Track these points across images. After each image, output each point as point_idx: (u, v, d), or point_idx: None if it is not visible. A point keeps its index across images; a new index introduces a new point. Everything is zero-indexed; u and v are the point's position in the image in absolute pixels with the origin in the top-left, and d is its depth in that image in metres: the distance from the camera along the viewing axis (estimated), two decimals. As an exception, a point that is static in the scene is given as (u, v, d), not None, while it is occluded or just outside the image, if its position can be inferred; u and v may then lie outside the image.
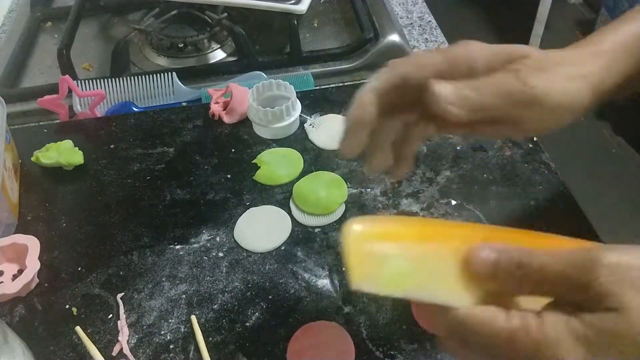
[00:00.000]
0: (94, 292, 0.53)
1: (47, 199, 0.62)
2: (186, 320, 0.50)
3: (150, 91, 0.74)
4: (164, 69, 0.78)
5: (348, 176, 0.62)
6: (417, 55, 0.37)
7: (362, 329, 0.49)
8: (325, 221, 0.57)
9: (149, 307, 0.51)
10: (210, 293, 0.52)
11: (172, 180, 0.63)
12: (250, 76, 0.75)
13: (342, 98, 0.71)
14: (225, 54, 0.83)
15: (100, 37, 0.89)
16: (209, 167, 0.64)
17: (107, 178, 0.64)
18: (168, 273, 0.54)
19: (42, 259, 0.54)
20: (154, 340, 0.49)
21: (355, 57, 0.78)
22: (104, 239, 0.57)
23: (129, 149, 0.67)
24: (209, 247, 0.56)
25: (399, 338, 0.48)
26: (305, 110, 0.69)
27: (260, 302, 0.51)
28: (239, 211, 0.59)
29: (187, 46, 0.82)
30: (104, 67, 0.81)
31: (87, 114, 0.72)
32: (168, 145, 0.67)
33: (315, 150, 0.65)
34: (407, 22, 0.88)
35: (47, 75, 0.81)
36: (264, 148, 0.66)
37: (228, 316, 0.50)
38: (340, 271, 0.53)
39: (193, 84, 0.76)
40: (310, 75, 0.75)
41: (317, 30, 0.86)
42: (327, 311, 0.50)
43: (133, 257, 0.56)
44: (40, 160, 0.64)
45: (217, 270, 0.54)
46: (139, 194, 0.62)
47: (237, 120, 0.69)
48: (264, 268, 0.54)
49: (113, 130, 0.69)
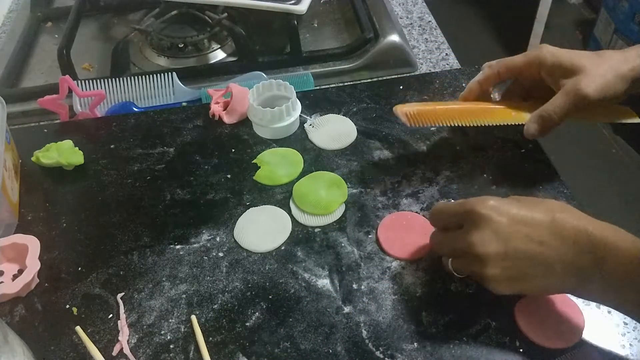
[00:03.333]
0: (94, 292, 0.53)
1: (47, 199, 0.62)
2: (186, 320, 0.50)
3: (150, 91, 0.74)
4: (164, 69, 0.78)
5: (348, 176, 0.62)
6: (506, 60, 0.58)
7: (362, 329, 0.49)
8: (325, 221, 0.57)
9: (149, 307, 0.51)
10: (210, 293, 0.52)
11: (172, 180, 0.63)
12: (250, 76, 0.75)
13: (342, 98, 0.71)
14: (225, 54, 0.83)
15: (100, 37, 0.89)
16: (209, 167, 0.64)
17: (107, 178, 0.64)
18: (168, 273, 0.54)
19: (42, 259, 0.55)
20: (154, 340, 0.49)
21: (355, 57, 0.78)
22: (104, 239, 0.57)
23: (129, 149, 0.67)
24: (209, 247, 0.56)
25: (399, 338, 0.48)
26: (305, 110, 0.69)
27: (260, 302, 0.51)
28: (239, 211, 0.59)
29: (187, 46, 0.82)
30: (104, 67, 0.81)
31: (87, 114, 0.72)
32: (168, 145, 0.67)
33: (315, 150, 0.65)
34: (407, 22, 0.88)
35: (47, 75, 0.81)
36: (264, 148, 0.66)
37: (228, 316, 0.50)
38: (340, 271, 0.53)
39: (193, 84, 0.76)
40: (310, 75, 0.75)
41: (317, 30, 0.86)
42: (327, 311, 0.50)
43: (133, 257, 0.56)
44: (41, 160, 0.64)
45: (217, 270, 0.54)
46: (139, 194, 0.62)
47: (237, 120, 0.69)
48: (264, 268, 0.54)
49: (113, 130, 0.69)
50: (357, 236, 0.56)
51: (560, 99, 0.54)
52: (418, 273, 0.53)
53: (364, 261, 0.54)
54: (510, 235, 0.44)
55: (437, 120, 0.57)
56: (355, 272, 0.53)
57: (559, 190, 0.59)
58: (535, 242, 0.43)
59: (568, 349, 0.46)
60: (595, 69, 0.52)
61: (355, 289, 0.52)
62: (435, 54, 0.81)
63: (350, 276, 0.53)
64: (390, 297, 0.51)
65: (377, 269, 0.53)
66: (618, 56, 0.54)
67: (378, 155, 0.64)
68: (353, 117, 0.69)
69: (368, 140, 0.66)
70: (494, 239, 0.44)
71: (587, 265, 0.42)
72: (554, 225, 0.43)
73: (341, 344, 0.48)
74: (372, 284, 0.52)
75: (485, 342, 0.47)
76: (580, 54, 0.55)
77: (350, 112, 0.70)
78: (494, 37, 2.30)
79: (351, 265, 0.53)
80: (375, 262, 0.54)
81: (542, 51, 0.56)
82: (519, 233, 0.43)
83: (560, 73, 0.54)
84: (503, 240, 0.44)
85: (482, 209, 0.45)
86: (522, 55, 0.57)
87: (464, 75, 0.73)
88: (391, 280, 0.52)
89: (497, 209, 0.44)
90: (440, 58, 0.81)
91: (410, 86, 0.72)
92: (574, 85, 0.52)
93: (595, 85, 0.52)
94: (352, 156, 0.64)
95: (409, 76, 0.76)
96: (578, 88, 0.52)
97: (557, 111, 0.53)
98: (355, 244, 0.55)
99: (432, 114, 0.58)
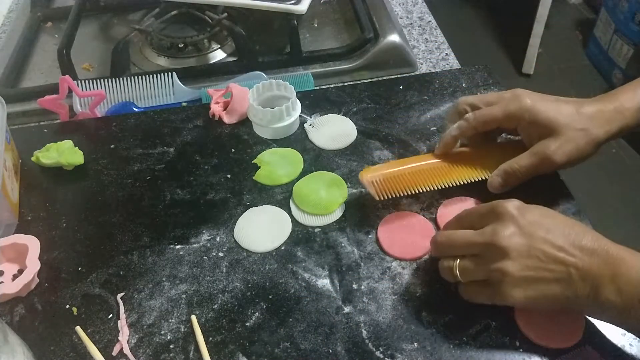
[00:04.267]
0: (94, 292, 0.53)
1: (47, 199, 0.62)
2: (186, 320, 0.50)
3: (150, 91, 0.74)
4: (164, 69, 0.78)
5: (348, 176, 0.62)
6: (483, 114, 0.56)
7: (362, 329, 0.49)
8: (325, 221, 0.57)
9: (149, 307, 0.51)
10: (210, 293, 0.52)
11: (172, 180, 0.63)
12: (250, 76, 0.75)
13: (342, 98, 0.71)
14: (225, 54, 0.83)
15: (100, 37, 0.89)
16: (209, 167, 0.64)
17: (107, 178, 0.64)
18: (168, 273, 0.54)
19: (42, 259, 0.54)
20: (154, 340, 0.49)
21: (355, 57, 0.78)
22: (104, 239, 0.57)
23: (129, 149, 0.67)
24: (209, 247, 0.56)
25: (399, 338, 0.48)
26: (305, 110, 0.69)
27: (260, 302, 0.51)
28: (239, 211, 0.59)
29: (187, 46, 0.82)
30: (104, 67, 0.81)
31: (87, 114, 0.72)
32: (168, 145, 0.67)
33: (315, 150, 0.65)
34: (407, 22, 0.88)
35: (47, 75, 0.81)
36: (264, 148, 0.66)
37: (228, 316, 0.50)
38: (340, 271, 0.53)
39: (193, 84, 0.76)
40: (310, 75, 0.75)
41: (317, 30, 0.86)
42: (327, 311, 0.50)
43: (133, 257, 0.56)
44: (41, 160, 0.64)
45: (217, 270, 0.54)
46: (139, 194, 0.62)
47: (237, 120, 0.69)
48: (264, 268, 0.54)
49: (113, 130, 0.69)
50: (357, 236, 0.56)
51: (527, 159, 0.54)
52: (418, 273, 0.53)
53: (364, 261, 0.54)
54: (533, 234, 0.44)
55: (406, 189, 0.55)
56: (355, 272, 0.53)
57: (559, 190, 0.59)
58: (556, 247, 0.44)
59: (568, 349, 0.46)
60: (570, 131, 0.53)
61: (355, 289, 0.52)
62: (435, 54, 0.81)
63: (350, 276, 0.53)
64: (390, 297, 0.51)
65: (377, 269, 0.53)
66: (599, 119, 0.53)
67: (378, 155, 0.64)
68: (353, 117, 0.69)
69: (368, 140, 0.66)
70: (518, 233, 0.45)
71: (603, 275, 0.42)
72: (574, 236, 0.44)
73: (341, 344, 0.48)
74: (372, 284, 0.52)
75: (485, 342, 0.47)
76: (560, 108, 0.54)
77: (350, 112, 0.70)
78: (494, 37, 2.30)
79: (351, 265, 0.53)
80: (375, 262, 0.54)
81: (521, 106, 0.54)
82: (540, 236, 0.44)
83: (535, 132, 0.54)
84: (527, 238, 0.44)
85: (509, 207, 0.46)
86: (499, 108, 0.55)
87: (464, 75, 0.73)
88: (391, 280, 0.52)
89: (522, 210, 0.46)
90: (440, 58, 0.81)
91: (410, 86, 0.73)
92: (543, 149, 0.53)
93: (563, 151, 0.53)
94: (352, 156, 0.64)
95: (409, 76, 0.76)
96: (546, 153, 0.53)
97: (522, 170, 0.55)
98: (355, 244, 0.55)
99: (400, 181, 0.56)
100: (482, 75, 0.73)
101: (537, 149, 0.54)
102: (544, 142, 0.54)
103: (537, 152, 0.54)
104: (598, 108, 0.54)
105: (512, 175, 0.55)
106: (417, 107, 0.70)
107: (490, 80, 0.73)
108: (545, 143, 0.53)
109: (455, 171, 0.58)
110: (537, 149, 0.54)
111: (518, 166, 0.55)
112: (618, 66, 1.98)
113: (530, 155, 0.54)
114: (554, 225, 0.45)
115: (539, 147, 0.54)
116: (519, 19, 2.20)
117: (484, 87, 0.72)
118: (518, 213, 0.45)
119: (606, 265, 0.42)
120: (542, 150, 0.53)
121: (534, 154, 0.54)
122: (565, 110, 0.54)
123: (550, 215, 0.46)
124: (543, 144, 0.54)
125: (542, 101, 0.54)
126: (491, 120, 0.55)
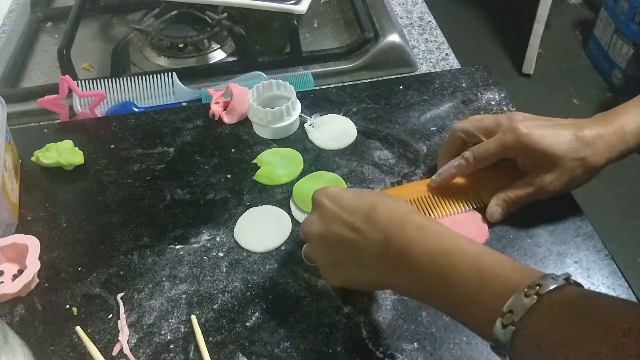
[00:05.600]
0: (94, 292, 0.53)
1: (47, 199, 0.62)
2: (186, 320, 0.50)
3: (150, 91, 0.74)
4: (164, 69, 0.78)
5: (348, 176, 0.62)
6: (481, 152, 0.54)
7: (362, 329, 0.49)
8: (325, 221, 0.57)
9: (149, 307, 0.51)
10: (210, 293, 0.52)
11: (172, 180, 0.63)
12: (250, 76, 0.75)
13: (342, 98, 0.71)
14: (225, 54, 0.83)
15: (100, 37, 0.89)
16: (209, 167, 0.64)
17: (107, 178, 0.64)
18: (168, 273, 0.54)
19: (42, 259, 0.55)
20: (154, 340, 0.49)
21: (355, 57, 0.78)
22: (104, 239, 0.57)
23: (129, 149, 0.67)
24: (209, 247, 0.56)
25: (399, 338, 0.48)
26: (305, 110, 0.69)
27: (260, 302, 0.51)
28: (239, 211, 0.59)
29: (187, 46, 0.82)
30: (104, 67, 0.81)
31: (87, 114, 0.72)
32: (168, 145, 0.67)
33: (315, 150, 0.65)
34: (407, 22, 0.88)
35: (47, 75, 0.81)
36: (264, 148, 0.66)
37: (228, 316, 0.50)
38: (340, 271, 0.53)
39: (193, 84, 0.76)
40: (310, 75, 0.75)
41: (317, 30, 0.87)
42: (327, 311, 0.50)
43: (133, 257, 0.56)
44: (41, 160, 0.64)
45: (217, 270, 0.54)
46: (139, 194, 0.62)
47: (237, 120, 0.69)
48: (264, 268, 0.54)
49: (113, 130, 0.69)
50: (357, 236, 0.56)
51: (523, 189, 0.54)
52: (418, 273, 0.52)
53: (364, 261, 0.54)
54: (332, 218, 0.45)
55: None
56: (355, 272, 0.53)
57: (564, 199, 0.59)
58: (350, 228, 0.44)
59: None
60: (567, 162, 0.51)
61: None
62: (435, 54, 0.81)
63: (350, 276, 0.53)
64: (390, 297, 0.51)
65: (377, 269, 0.53)
66: (599, 145, 0.51)
67: (378, 155, 0.64)
68: (353, 117, 0.69)
69: (368, 140, 0.66)
70: (317, 220, 0.47)
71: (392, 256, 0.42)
72: (370, 214, 0.44)
73: (341, 344, 0.48)
74: (372, 284, 0.52)
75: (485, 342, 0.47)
76: (557, 134, 0.51)
77: (350, 112, 0.70)
78: (494, 37, 2.30)
79: (351, 265, 0.53)
80: (375, 262, 0.54)
81: (516, 138, 0.52)
82: (339, 218, 0.45)
83: (532, 162, 0.53)
84: (324, 223, 0.46)
85: (318, 195, 0.48)
86: (496, 144, 0.53)
87: (464, 75, 0.73)
88: (391, 280, 0.52)
89: (331, 196, 0.47)
90: (440, 58, 0.81)
91: (410, 86, 0.73)
92: (540, 179, 0.53)
93: (560, 182, 0.52)
94: (352, 156, 0.64)
95: (409, 76, 0.76)
96: (543, 183, 0.53)
97: (519, 200, 0.55)
98: (355, 244, 0.55)
99: None
100: (482, 75, 0.73)
101: (533, 180, 0.53)
102: (540, 174, 0.53)
103: (533, 183, 0.53)
104: (598, 132, 0.51)
105: (511, 204, 0.55)
106: (417, 107, 0.70)
107: (490, 80, 0.73)
108: (541, 174, 0.53)
109: (450, 200, 0.57)
110: (533, 180, 0.53)
111: (515, 196, 0.55)
112: (618, 66, 1.98)
113: (526, 185, 0.54)
114: (355, 204, 0.45)
115: (535, 179, 0.53)
116: (519, 19, 2.20)
117: (483, 87, 0.72)
118: (325, 200, 0.47)
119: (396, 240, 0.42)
120: (537, 181, 0.53)
121: (530, 184, 0.54)
122: (563, 138, 0.51)
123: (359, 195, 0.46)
124: (539, 176, 0.53)
125: (538, 128, 0.52)
126: (489, 157, 0.54)
